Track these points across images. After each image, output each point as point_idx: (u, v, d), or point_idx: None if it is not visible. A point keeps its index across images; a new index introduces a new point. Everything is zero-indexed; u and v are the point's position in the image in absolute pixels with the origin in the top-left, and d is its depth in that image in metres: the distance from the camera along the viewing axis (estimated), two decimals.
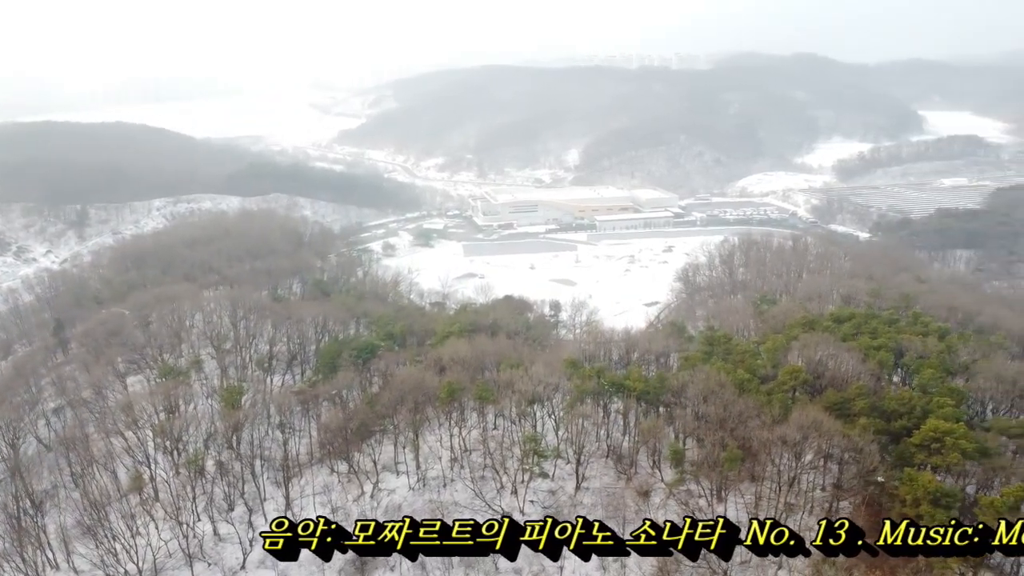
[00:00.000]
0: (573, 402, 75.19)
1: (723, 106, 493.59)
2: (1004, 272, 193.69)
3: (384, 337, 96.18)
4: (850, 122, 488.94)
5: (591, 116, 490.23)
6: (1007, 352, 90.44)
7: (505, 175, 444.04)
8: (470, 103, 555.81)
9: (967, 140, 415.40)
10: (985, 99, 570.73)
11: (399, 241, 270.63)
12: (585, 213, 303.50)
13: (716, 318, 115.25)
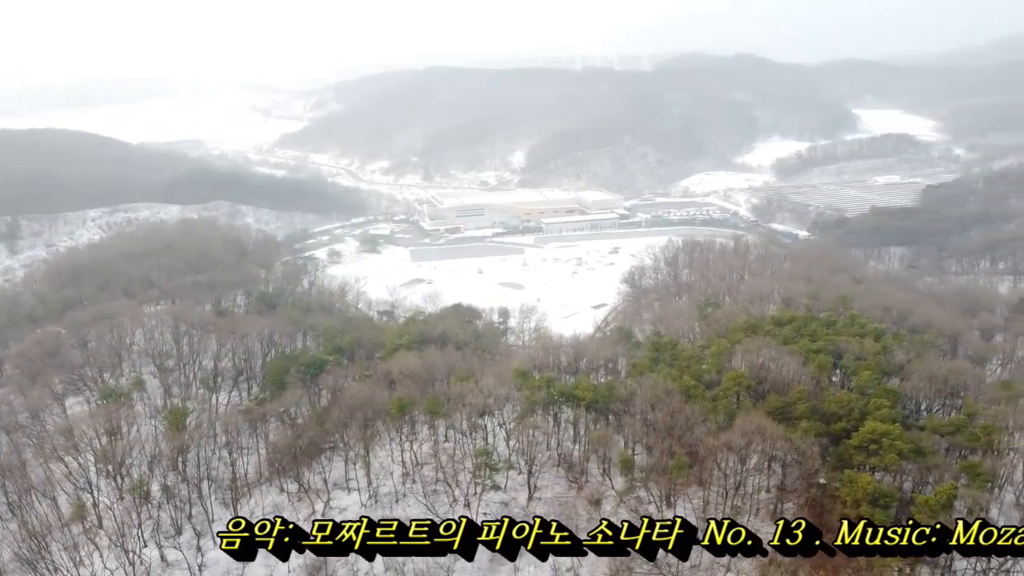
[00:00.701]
0: (524, 414, 75.76)
1: (666, 107, 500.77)
2: (935, 268, 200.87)
3: (332, 351, 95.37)
4: (788, 121, 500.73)
5: (536, 118, 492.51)
6: (939, 351, 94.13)
7: (451, 178, 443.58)
8: (415, 105, 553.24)
9: (899, 138, 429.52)
10: (915, 98, 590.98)
11: (345, 248, 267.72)
12: (532, 216, 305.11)
13: (662, 322, 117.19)
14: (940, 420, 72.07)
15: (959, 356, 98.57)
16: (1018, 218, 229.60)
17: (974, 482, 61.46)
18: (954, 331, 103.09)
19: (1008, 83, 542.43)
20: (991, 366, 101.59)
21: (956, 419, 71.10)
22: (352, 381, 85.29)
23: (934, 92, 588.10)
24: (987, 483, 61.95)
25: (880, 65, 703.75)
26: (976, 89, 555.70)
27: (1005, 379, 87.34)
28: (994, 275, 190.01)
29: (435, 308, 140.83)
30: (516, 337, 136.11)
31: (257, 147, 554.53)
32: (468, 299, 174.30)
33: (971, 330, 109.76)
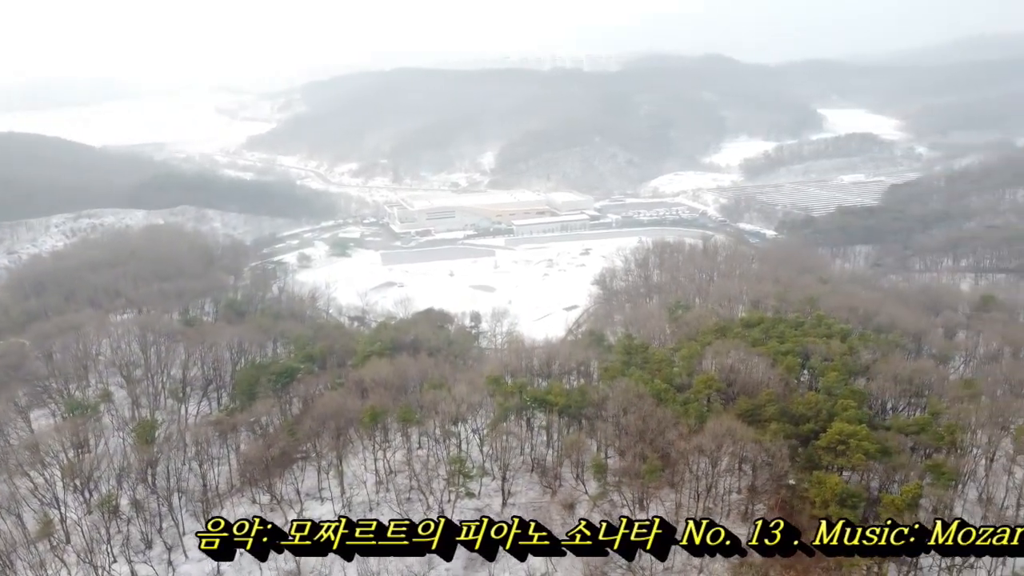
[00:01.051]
0: (497, 420, 75.90)
1: (635, 107, 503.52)
2: (900, 266, 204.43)
3: (303, 359, 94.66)
4: (755, 121, 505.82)
5: (505, 118, 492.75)
6: (904, 350, 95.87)
7: (421, 180, 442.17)
8: (383, 106, 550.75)
9: (863, 137, 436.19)
10: (879, 97, 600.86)
11: (315, 252, 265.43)
12: (502, 218, 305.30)
13: (633, 324, 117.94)
14: (905, 420, 73.45)
15: (923, 354, 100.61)
16: (978, 216, 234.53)
17: (938, 481, 62.74)
18: (918, 330, 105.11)
19: (968, 83, 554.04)
20: (954, 363, 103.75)
21: (921, 418, 72.52)
22: (324, 390, 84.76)
23: (897, 91, 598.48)
24: (951, 481, 63.27)
25: (844, 65, 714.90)
26: (937, 88, 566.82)
27: (967, 377, 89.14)
28: (956, 272, 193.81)
29: (407, 313, 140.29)
30: (488, 341, 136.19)
31: (224, 149, 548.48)
32: (440, 303, 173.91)
33: (934, 328, 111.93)
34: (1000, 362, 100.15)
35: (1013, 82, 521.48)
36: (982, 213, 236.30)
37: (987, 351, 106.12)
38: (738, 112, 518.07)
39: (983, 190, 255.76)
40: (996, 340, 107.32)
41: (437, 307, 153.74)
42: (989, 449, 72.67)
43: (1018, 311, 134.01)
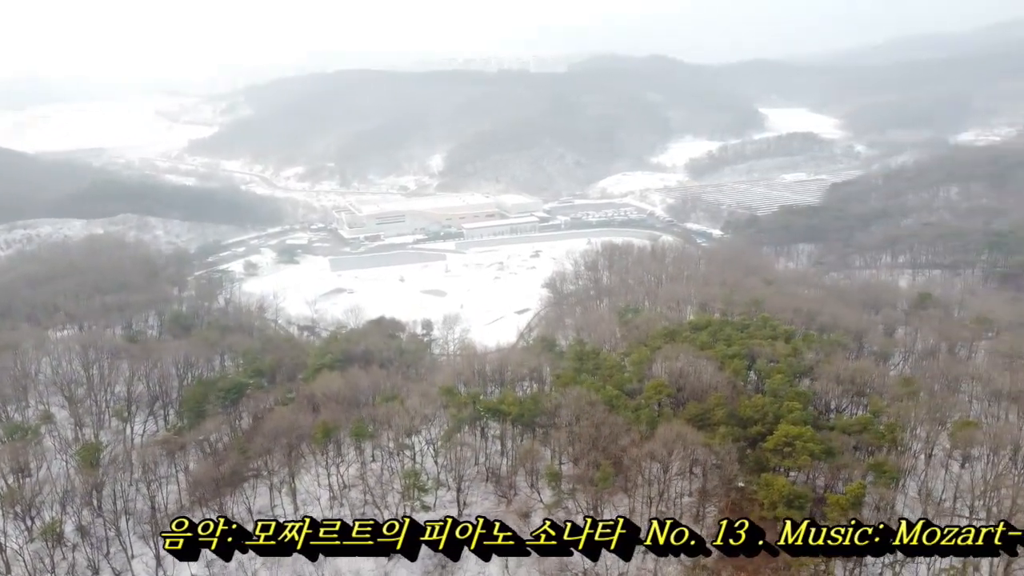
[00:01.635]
0: (451, 432, 75.92)
1: (582, 108, 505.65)
2: (841, 263, 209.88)
3: (252, 374, 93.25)
4: (700, 121, 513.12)
5: (453, 121, 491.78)
6: (846, 349, 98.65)
7: (369, 183, 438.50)
8: (329, 109, 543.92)
9: (804, 137, 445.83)
10: (818, 97, 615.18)
11: (262, 259, 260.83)
12: (452, 221, 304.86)
13: (584, 329, 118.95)
14: (848, 419, 75.61)
15: (865, 352, 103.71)
16: (915, 213, 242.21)
17: (881, 479, 64.82)
18: (859, 329, 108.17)
19: (903, 82, 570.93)
20: (894, 360, 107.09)
21: (863, 418, 74.74)
22: (274, 405, 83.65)
23: (836, 91, 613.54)
24: (893, 479, 65.33)
25: (785, 65, 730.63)
26: (875, 88, 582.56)
27: (906, 375, 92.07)
28: (895, 269, 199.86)
29: (357, 322, 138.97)
30: (441, 348, 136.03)
31: (165, 154, 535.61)
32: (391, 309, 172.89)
33: (875, 326, 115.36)
34: (937, 357, 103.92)
35: (945, 81, 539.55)
36: (918, 210, 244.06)
37: (924, 347, 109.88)
38: (683, 112, 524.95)
39: (919, 188, 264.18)
40: (933, 336, 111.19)
41: (388, 315, 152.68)
42: (928, 445, 75.40)
43: (953, 307, 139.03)
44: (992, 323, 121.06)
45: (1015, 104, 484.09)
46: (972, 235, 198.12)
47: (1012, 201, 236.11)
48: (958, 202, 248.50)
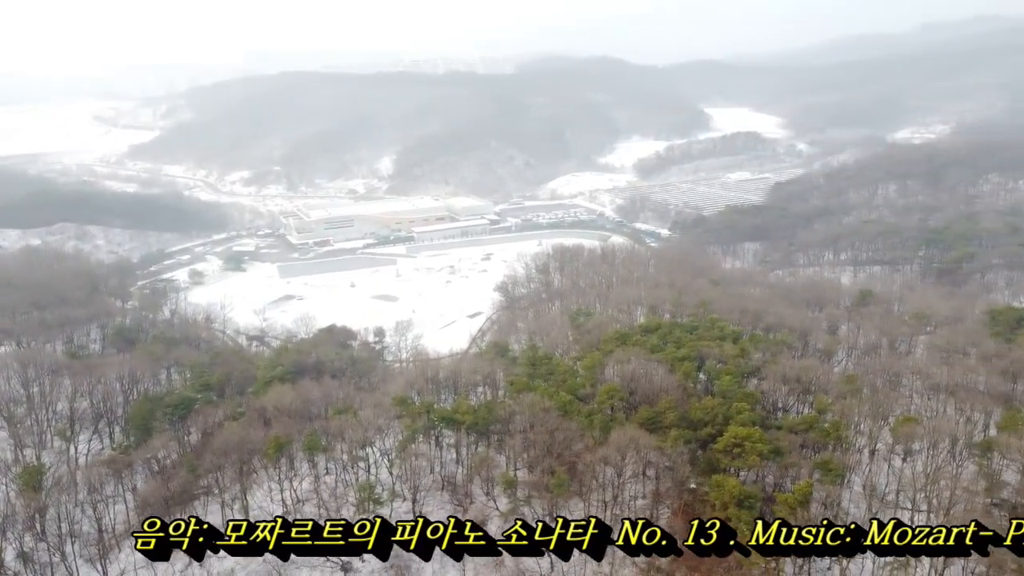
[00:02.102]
0: (406, 442, 75.62)
1: (530, 109, 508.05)
2: (785, 261, 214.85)
3: (200, 388, 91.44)
4: (646, 122, 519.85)
5: (401, 123, 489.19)
6: (792, 349, 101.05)
7: (316, 187, 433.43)
8: (273, 112, 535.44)
9: (748, 136, 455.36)
10: (761, 97, 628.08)
11: (207, 267, 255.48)
12: (402, 225, 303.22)
13: (537, 333, 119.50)
14: (795, 419, 77.45)
15: (810, 349, 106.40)
16: (855, 211, 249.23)
17: (827, 477, 66.54)
18: (804, 327, 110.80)
19: (842, 82, 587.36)
20: (838, 357, 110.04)
21: (809, 417, 76.67)
22: (224, 420, 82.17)
23: (778, 90, 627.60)
24: (838, 477, 67.13)
25: (728, 66, 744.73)
26: (815, 88, 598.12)
27: (849, 372, 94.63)
28: (837, 266, 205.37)
29: (308, 331, 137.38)
30: (394, 355, 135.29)
31: (104, 160, 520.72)
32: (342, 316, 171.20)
33: (819, 325, 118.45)
34: (878, 354, 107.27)
35: (883, 81, 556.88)
36: (858, 208, 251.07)
37: (867, 343, 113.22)
38: (630, 113, 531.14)
39: (859, 186, 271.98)
40: (874, 332, 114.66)
41: (339, 322, 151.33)
42: (871, 441, 77.71)
43: (893, 303, 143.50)
44: (930, 318, 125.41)
45: (947, 102, 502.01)
46: (910, 232, 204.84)
47: (946, 198, 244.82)
48: (896, 199, 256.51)
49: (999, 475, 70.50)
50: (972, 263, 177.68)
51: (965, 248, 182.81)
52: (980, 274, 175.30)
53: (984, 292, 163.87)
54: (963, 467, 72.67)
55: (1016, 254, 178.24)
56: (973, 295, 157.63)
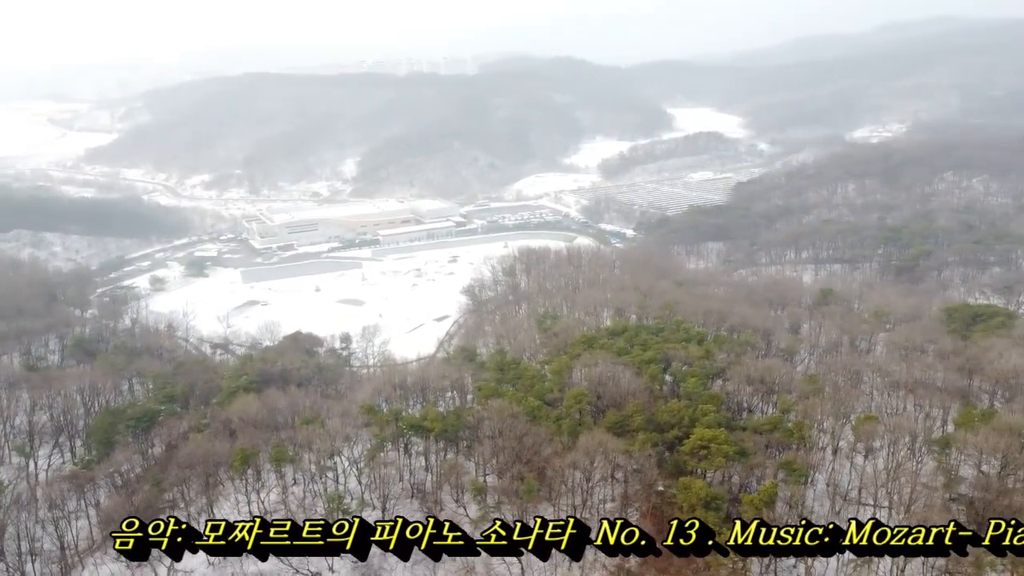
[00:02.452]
0: (374, 451, 75.33)
1: (494, 110, 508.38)
2: (748, 261, 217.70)
3: (164, 400, 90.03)
4: (610, 122, 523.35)
5: (365, 124, 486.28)
6: (755, 349, 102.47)
7: (280, 190, 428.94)
8: (235, 114, 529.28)
9: (710, 136, 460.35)
10: (722, 96, 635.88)
11: (169, 273, 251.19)
12: (367, 228, 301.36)
13: (505, 337, 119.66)
14: (759, 419, 78.59)
15: (773, 349, 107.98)
16: (816, 210, 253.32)
17: (791, 477, 67.66)
18: (767, 327, 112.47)
19: (801, 81, 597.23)
20: (800, 356, 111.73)
21: (773, 417, 77.87)
22: (189, 432, 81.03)
23: (738, 90, 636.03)
24: (802, 477, 68.30)
25: (690, 66, 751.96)
26: (774, 87, 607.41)
27: (811, 372, 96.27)
28: (799, 264, 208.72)
29: (273, 339, 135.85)
30: (361, 361, 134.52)
31: (60, 164, 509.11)
32: (307, 322, 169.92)
33: (781, 324, 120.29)
34: (840, 352, 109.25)
35: (841, 80, 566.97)
36: (818, 207, 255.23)
37: (828, 340, 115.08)
38: (593, 113, 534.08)
39: (819, 185, 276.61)
40: (835, 331, 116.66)
41: (305, 328, 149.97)
42: (833, 440, 79.15)
43: (853, 301, 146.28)
44: (889, 316, 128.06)
45: (904, 102, 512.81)
46: (868, 231, 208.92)
47: (903, 196, 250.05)
48: (855, 198, 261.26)
49: (956, 470, 72.32)
50: (929, 260, 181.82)
51: (922, 246, 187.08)
52: (937, 271, 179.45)
53: (940, 289, 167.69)
54: (922, 463, 74.41)
55: (970, 251, 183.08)
56: (930, 292, 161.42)
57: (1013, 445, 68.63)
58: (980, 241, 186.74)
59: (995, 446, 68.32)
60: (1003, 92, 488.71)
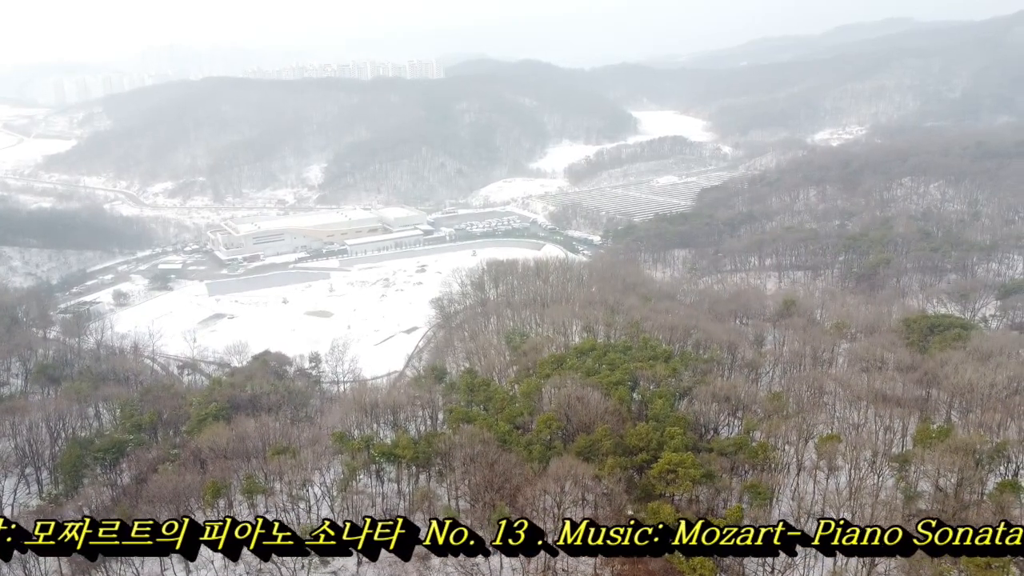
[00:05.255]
0: (346, 481, 75.56)
1: (459, 115, 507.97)
2: (713, 267, 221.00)
3: (132, 429, 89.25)
4: (575, 126, 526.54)
5: (330, 130, 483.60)
6: (720, 365, 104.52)
7: (244, 197, 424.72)
8: (197, 120, 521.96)
9: (674, 140, 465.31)
10: (685, 99, 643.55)
11: (133, 287, 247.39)
12: (334, 237, 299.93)
13: (475, 354, 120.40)
14: (725, 441, 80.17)
15: (738, 361, 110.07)
16: (778, 216, 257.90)
17: (755, 500, 69.36)
18: (731, 341, 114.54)
19: (761, 83, 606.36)
20: (765, 369, 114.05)
21: (738, 438, 79.58)
22: (158, 463, 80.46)
23: (701, 93, 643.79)
24: (766, 500, 70.07)
25: (652, 68, 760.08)
26: (736, 89, 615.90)
27: (776, 390, 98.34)
28: (762, 271, 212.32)
29: (241, 359, 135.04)
30: (331, 379, 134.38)
31: (16, 171, 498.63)
32: (275, 336, 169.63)
33: (746, 337, 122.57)
34: (803, 364, 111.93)
35: (800, 82, 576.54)
36: (781, 213, 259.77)
37: (791, 352, 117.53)
38: (559, 117, 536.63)
39: (781, 191, 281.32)
40: (798, 342, 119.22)
41: (273, 344, 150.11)
42: (798, 456, 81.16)
43: (815, 309, 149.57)
44: (850, 327, 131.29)
45: (862, 104, 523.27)
46: (829, 238, 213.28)
47: (862, 202, 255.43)
48: (816, 204, 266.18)
49: (915, 486, 74.71)
50: (888, 268, 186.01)
51: (881, 253, 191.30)
52: (896, 278, 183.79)
53: (899, 296, 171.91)
54: (883, 479, 76.81)
55: (928, 258, 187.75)
56: (889, 299, 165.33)
57: (968, 462, 71.30)
58: (937, 248, 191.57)
59: (951, 463, 70.83)
60: (959, 94, 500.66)
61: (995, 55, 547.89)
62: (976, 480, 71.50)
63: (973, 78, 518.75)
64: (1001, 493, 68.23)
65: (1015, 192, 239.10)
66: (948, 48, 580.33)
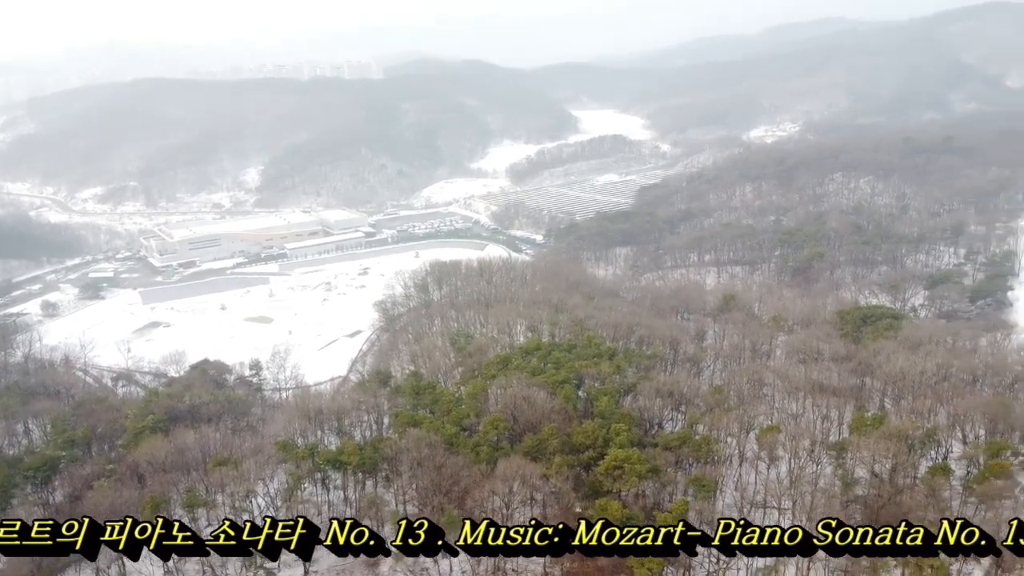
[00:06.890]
0: (291, 491, 74.33)
1: (400, 115, 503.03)
2: (654, 265, 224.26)
3: (64, 445, 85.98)
4: (517, 125, 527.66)
5: (267, 132, 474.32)
6: (663, 360, 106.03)
7: (179, 202, 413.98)
8: (129, 123, 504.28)
9: (615, 139, 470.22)
10: (625, 98, 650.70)
11: (62, 297, 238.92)
12: (274, 242, 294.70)
13: (420, 357, 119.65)
14: (669, 435, 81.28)
15: (680, 356, 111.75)
16: (716, 213, 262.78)
17: (700, 493, 70.53)
18: (673, 336, 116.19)
19: (698, 83, 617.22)
20: (706, 362, 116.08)
21: (682, 433, 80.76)
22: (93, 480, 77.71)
23: (640, 92, 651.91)
24: (711, 492, 71.28)
25: (592, 67, 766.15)
26: (674, 88, 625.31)
27: (717, 384, 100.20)
28: (702, 267, 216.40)
29: (179, 368, 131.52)
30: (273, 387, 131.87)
31: None
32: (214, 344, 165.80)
33: (687, 332, 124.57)
34: (743, 358, 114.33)
35: (737, 81, 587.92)
36: (719, 210, 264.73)
37: (732, 344, 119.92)
38: (501, 117, 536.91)
39: (718, 189, 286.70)
40: (738, 335, 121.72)
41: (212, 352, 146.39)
42: (739, 448, 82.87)
43: (753, 303, 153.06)
44: (786, 319, 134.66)
45: (795, 102, 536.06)
46: (765, 234, 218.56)
47: (796, 198, 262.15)
48: (752, 200, 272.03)
49: (852, 473, 77.00)
50: (822, 262, 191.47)
51: (815, 247, 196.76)
52: (829, 271, 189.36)
53: (833, 288, 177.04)
54: (822, 467, 78.97)
55: (859, 251, 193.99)
56: (824, 292, 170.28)
57: (901, 448, 73.75)
58: (868, 242, 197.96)
59: (885, 449, 73.12)
60: (889, 92, 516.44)
61: (926, 54, 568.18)
62: (909, 465, 74.07)
63: (904, 76, 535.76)
64: (933, 476, 70.89)
65: (941, 186, 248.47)
66: (878, 47, 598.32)
